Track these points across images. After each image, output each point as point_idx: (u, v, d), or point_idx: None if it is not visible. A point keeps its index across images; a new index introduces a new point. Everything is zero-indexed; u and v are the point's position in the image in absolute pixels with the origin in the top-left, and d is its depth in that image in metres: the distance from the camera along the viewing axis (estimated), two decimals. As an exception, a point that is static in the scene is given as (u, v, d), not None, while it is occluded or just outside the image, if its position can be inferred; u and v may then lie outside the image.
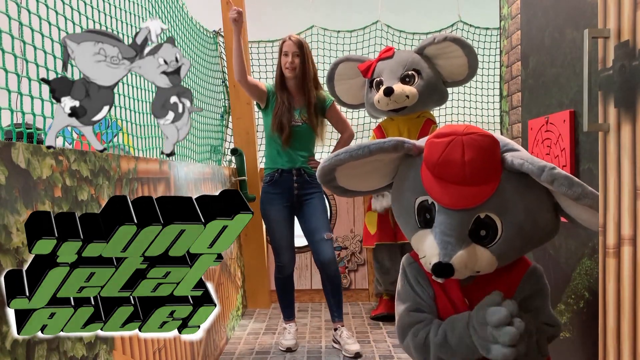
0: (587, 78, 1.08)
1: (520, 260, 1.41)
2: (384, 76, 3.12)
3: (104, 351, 1.40)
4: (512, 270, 1.39)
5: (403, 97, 3.01)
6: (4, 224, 1.04)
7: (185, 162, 2.61)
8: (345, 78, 3.33)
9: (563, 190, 1.17)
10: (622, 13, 0.95)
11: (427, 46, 3.10)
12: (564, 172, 1.18)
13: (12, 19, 1.34)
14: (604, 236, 1.04)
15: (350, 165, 1.39)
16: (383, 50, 3.25)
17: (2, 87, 1.30)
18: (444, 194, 1.25)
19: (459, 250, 1.24)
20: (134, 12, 2.14)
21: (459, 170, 1.22)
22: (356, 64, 3.27)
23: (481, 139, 1.24)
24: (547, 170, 1.18)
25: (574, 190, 1.16)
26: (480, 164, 1.22)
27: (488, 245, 1.27)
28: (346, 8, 4.52)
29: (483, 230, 1.26)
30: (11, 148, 1.08)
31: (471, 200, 1.24)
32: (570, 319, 1.72)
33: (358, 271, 3.80)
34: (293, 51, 2.68)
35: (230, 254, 3.24)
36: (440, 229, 1.26)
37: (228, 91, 3.79)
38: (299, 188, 2.77)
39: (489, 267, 1.29)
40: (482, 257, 1.27)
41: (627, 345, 0.96)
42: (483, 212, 1.25)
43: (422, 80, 3.09)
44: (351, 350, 2.61)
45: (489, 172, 1.24)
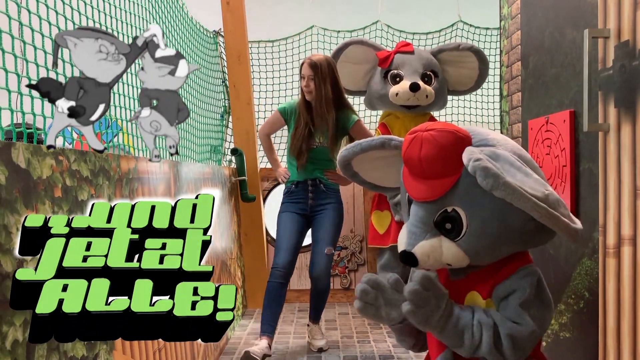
0: (587, 78, 1.08)
1: (515, 259, 1.39)
2: (404, 70, 3.09)
3: (104, 351, 1.40)
4: (503, 269, 1.37)
5: (424, 96, 3.02)
6: (4, 224, 1.04)
7: (185, 162, 2.61)
8: (351, 61, 3.21)
9: (480, 182, 1.18)
10: (622, 13, 0.95)
11: (448, 51, 3.10)
12: (485, 164, 1.18)
13: (12, 19, 1.34)
14: (604, 236, 1.04)
15: (360, 161, 1.49)
16: (401, 44, 3.21)
17: (2, 87, 1.30)
18: (411, 187, 1.34)
19: (421, 240, 1.29)
20: (134, 12, 2.14)
21: (417, 165, 1.29)
22: (369, 50, 3.18)
23: (439, 134, 1.27)
24: (471, 162, 1.19)
25: (487, 181, 1.17)
26: (435, 159, 1.26)
27: (455, 239, 1.29)
28: (346, 8, 4.52)
29: (448, 223, 1.29)
30: (11, 148, 1.08)
31: (429, 193, 1.29)
32: (570, 319, 1.72)
33: (358, 271, 3.80)
34: (308, 74, 2.65)
35: (230, 254, 3.24)
36: (411, 220, 1.33)
37: (228, 91, 3.79)
38: (313, 198, 2.77)
39: (458, 262, 1.31)
40: (447, 250, 1.29)
41: (627, 345, 0.97)
42: (450, 206, 1.28)
43: (438, 83, 3.11)
44: (315, 345, 2.76)
45: (446, 167, 1.27)
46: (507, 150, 1.31)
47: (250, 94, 3.67)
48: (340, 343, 2.89)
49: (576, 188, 1.65)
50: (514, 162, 1.26)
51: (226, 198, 3.22)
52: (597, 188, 1.18)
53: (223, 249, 3.01)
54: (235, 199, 3.53)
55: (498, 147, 1.31)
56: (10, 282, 1.04)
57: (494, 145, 1.32)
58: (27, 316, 1.09)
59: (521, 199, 1.16)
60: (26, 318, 1.08)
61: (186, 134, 2.82)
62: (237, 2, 3.53)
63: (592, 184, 1.54)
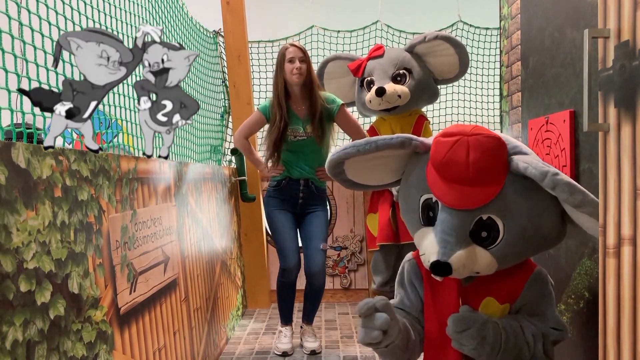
0: (587, 78, 1.08)
1: (525, 263, 1.39)
2: (375, 75, 3.12)
3: (104, 351, 1.40)
4: (516, 274, 1.38)
5: (395, 97, 3.01)
6: (4, 224, 1.03)
7: (185, 162, 2.61)
8: (334, 77, 3.33)
9: (564, 197, 1.16)
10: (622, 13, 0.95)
11: (418, 44, 3.09)
12: (567, 179, 1.17)
13: (12, 19, 1.34)
14: (604, 236, 1.04)
15: (358, 160, 1.41)
16: (373, 49, 3.23)
17: (2, 87, 1.30)
18: (447, 193, 1.25)
19: (458, 250, 1.23)
20: (134, 12, 2.14)
21: (462, 170, 1.22)
22: (346, 62, 3.27)
23: (487, 140, 1.23)
24: (549, 176, 1.17)
25: (575, 197, 1.15)
26: (484, 165, 1.22)
27: (489, 247, 1.26)
28: (346, 8, 4.52)
29: (484, 231, 1.26)
30: (11, 148, 1.08)
31: (473, 201, 1.23)
32: (570, 319, 1.72)
33: (358, 271, 3.80)
34: (299, 56, 2.61)
35: (230, 254, 3.25)
36: (442, 227, 1.26)
37: (228, 91, 3.79)
38: (303, 198, 2.77)
39: (488, 269, 1.29)
40: (481, 258, 1.26)
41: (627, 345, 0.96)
42: (486, 214, 1.25)
43: (413, 79, 3.08)
44: (308, 348, 2.76)
45: (492, 174, 1.23)
46: (537, 158, 1.30)
47: (250, 94, 3.67)
48: (340, 343, 2.89)
49: (576, 188, 1.65)
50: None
51: (226, 198, 3.21)
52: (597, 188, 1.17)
53: (223, 249, 3.01)
54: (235, 199, 3.53)
55: (532, 154, 1.30)
56: (10, 282, 1.04)
57: (528, 153, 1.30)
58: (27, 316, 1.09)
59: (597, 211, 1.13)
60: (26, 318, 1.08)
61: (186, 134, 2.82)
62: (237, 2, 3.53)
63: (592, 184, 1.54)
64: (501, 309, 1.36)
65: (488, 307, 1.36)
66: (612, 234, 1.00)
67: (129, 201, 1.63)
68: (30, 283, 1.10)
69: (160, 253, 1.88)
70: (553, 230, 1.30)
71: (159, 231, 1.88)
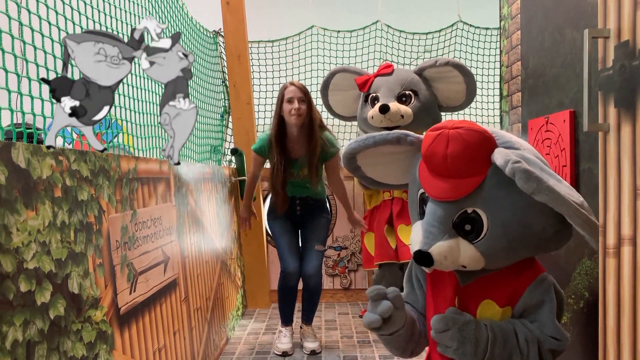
0: (587, 78, 1.08)
1: (531, 266, 1.37)
2: (380, 92, 3.09)
3: (104, 351, 1.40)
4: (519, 277, 1.35)
5: (398, 116, 2.99)
6: (4, 224, 1.04)
7: (185, 162, 2.61)
8: (340, 89, 3.31)
9: (520, 184, 1.15)
10: (622, 13, 0.95)
11: (428, 68, 3.07)
12: (526, 166, 1.15)
13: (12, 19, 1.34)
14: (604, 236, 1.04)
15: (369, 156, 1.46)
16: (382, 66, 3.21)
17: (2, 87, 1.30)
18: (430, 185, 1.29)
19: (439, 241, 1.25)
20: (134, 12, 2.14)
21: (441, 163, 1.25)
22: (353, 75, 3.24)
23: (467, 133, 1.23)
24: (510, 164, 1.16)
25: (529, 184, 1.14)
26: (462, 158, 1.23)
27: (474, 241, 1.27)
28: (346, 8, 4.52)
29: (468, 224, 1.26)
30: (11, 148, 1.08)
31: (452, 192, 1.25)
32: (570, 319, 1.72)
33: (358, 271, 3.80)
34: (298, 97, 2.56)
35: (230, 254, 3.25)
36: (427, 219, 1.29)
37: (228, 91, 3.79)
38: (301, 210, 2.80)
39: (474, 264, 1.28)
40: (465, 251, 1.26)
41: (627, 345, 0.96)
42: (470, 207, 1.25)
43: (419, 101, 3.06)
44: (308, 348, 2.75)
45: (472, 166, 1.24)
46: (532, 154, 1.29)
47: (250, 94, 3.67)
48: (340, 343, 2.89)
49: (576, 188, 1.64)
50: (543, 166, 1.24)
51: (226, 198, 3.21)
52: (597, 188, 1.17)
53: (223, 249, 3.01)
54: (235, 199, 3.53)
55: (523, 150, 1.29)
56: (10, 282, 1.04)
57: (519, 148, 1.29)
58: (27, 316, 1.09)
59: (564, 204, 1.14)
60: (26, 318, 1.08)
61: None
62: (237, 2, 3.53)
63: (592, 184, 1.54)
64: (501, 312, 1.35)
65: (486, 310, 1.35)
66: (612, 234, 1.00)
67: (129, 201, 1.63)
68: (30, 283, 1.10)
69: (160, 253, 1.88)
70: (547, 229, 1.28)
71: (159, 231, 1.88)
